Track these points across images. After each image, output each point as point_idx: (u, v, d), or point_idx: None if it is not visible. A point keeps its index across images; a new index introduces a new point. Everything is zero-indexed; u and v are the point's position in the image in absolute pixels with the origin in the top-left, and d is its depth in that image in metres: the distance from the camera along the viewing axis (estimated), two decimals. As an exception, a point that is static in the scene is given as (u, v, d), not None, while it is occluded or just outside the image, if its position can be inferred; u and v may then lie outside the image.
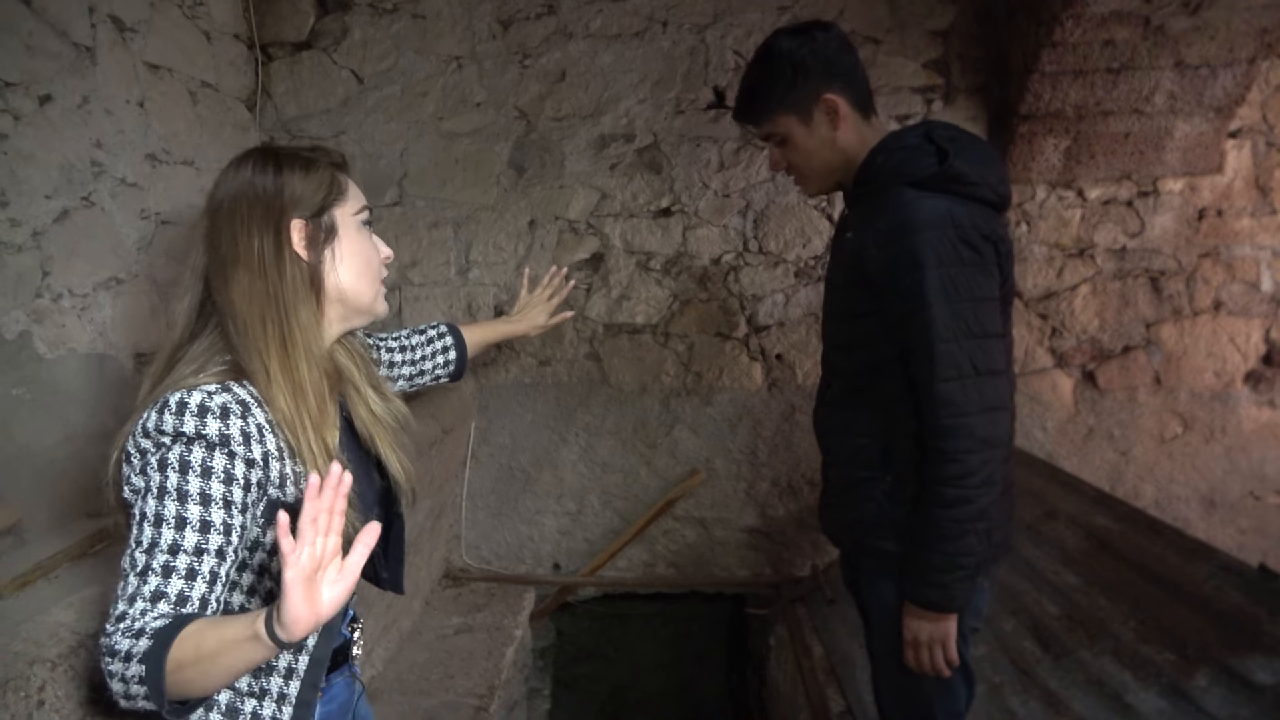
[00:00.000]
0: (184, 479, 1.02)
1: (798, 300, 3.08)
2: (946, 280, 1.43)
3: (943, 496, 1.46)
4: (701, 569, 3.24)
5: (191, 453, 1.03)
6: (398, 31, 3.02)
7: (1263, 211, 2.96)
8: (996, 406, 1.47)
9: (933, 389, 1.45)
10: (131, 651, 0.93)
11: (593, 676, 3.72)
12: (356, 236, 1.22)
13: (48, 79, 1.96)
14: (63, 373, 1.99)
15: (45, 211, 1.95)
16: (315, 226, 1.17)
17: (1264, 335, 3.01)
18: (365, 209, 1.26)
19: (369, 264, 1.23)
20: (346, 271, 1.20)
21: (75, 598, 1.35)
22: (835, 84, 1.57)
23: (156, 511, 1.01)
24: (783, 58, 1.58)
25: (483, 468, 3.21)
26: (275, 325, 1.12)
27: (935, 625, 1.53)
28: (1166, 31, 2.51)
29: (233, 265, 1.12)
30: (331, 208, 1.19)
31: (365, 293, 1.23)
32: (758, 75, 1.63)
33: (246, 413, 1.07)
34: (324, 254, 1.18)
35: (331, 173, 1.22)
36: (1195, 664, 1.75)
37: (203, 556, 1.01)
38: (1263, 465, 3.04)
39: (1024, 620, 2.18)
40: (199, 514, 1.01)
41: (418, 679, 2.54)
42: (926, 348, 1.45)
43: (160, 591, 0.98)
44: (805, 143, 1.62)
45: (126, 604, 0.98)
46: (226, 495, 1.04)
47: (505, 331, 1.94)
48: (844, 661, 2.51)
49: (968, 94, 2.98)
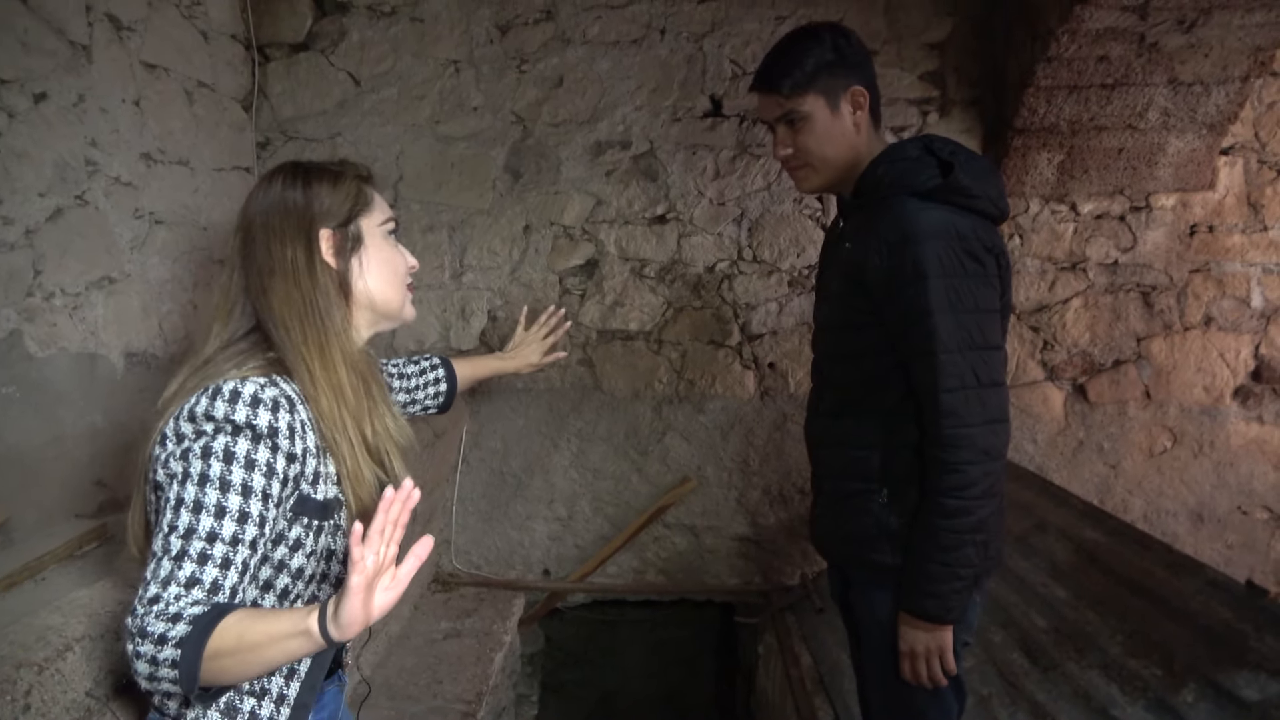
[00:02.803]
0: (228, 469, 1.04)
1: (791, 309, 3.08)
2: (950, 291, 1.43)
3: (943, 507, 1.46)
4: (691, 576, 3.24)
5: (237, 443, 1.05)
6: (395, 34, 3.02)
7: (1254, 228, 2.99)
8: (999, 419, 1.47)
9: (936, 399, 1.45)
10: (167, 635, 0.95)
11: (581, 682, 3.71)
12: (383, 245, 1.28)
13: (43, 77, 1.96)
14: (53, 372, 1.98)
15: (38, 210, 1.94)
16: (343, 236, 1.23)
17: (1253, 351, 3.03)
18: (391, 220, 1.32)
19: (395, 271, 1.29)
20: (374, 278, 1.26)
21: (63, 600, 1.34)
22: (865, 81, 1.58)
23: (196, 498, 1.03)
24: (829, 38, 1.57)
25: (474, 472, 3.20)
26: (313, 329, 1.17)
27: (931, 636, 1.53)
28: (1161, 48, 2.53)
29: (269, 275, 1.18)
30: (358, 218, 1.25)
31: (393, 298, 1.29)
32: (801, 47, 1.58)
33: (293, 408, 1.11)
34: (351, 262, 1.24)
35: (358, 185, 1.28)
36: (1182, 679, 1.75)
37: (238, 547, 1.03)
38: (1250, 480, 3.06)
39: (1013, 633, 2.18)
40: (239, 505, 1.04)
41: (405, 684, 2.53)
42: (929, 358, 1.45)
43: (195, 578, 1.00)
44: (825, 129, 1.58)
45: (160, 586, 0.99)
46: (266, 489, 1.06)
47: (496, 368, 1.98)
48: (833, 671, 2.51)
49: (963, 107, 2.99)
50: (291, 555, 1.14)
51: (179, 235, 2.46)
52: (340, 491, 1.16)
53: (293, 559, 1.14)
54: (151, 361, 2.32)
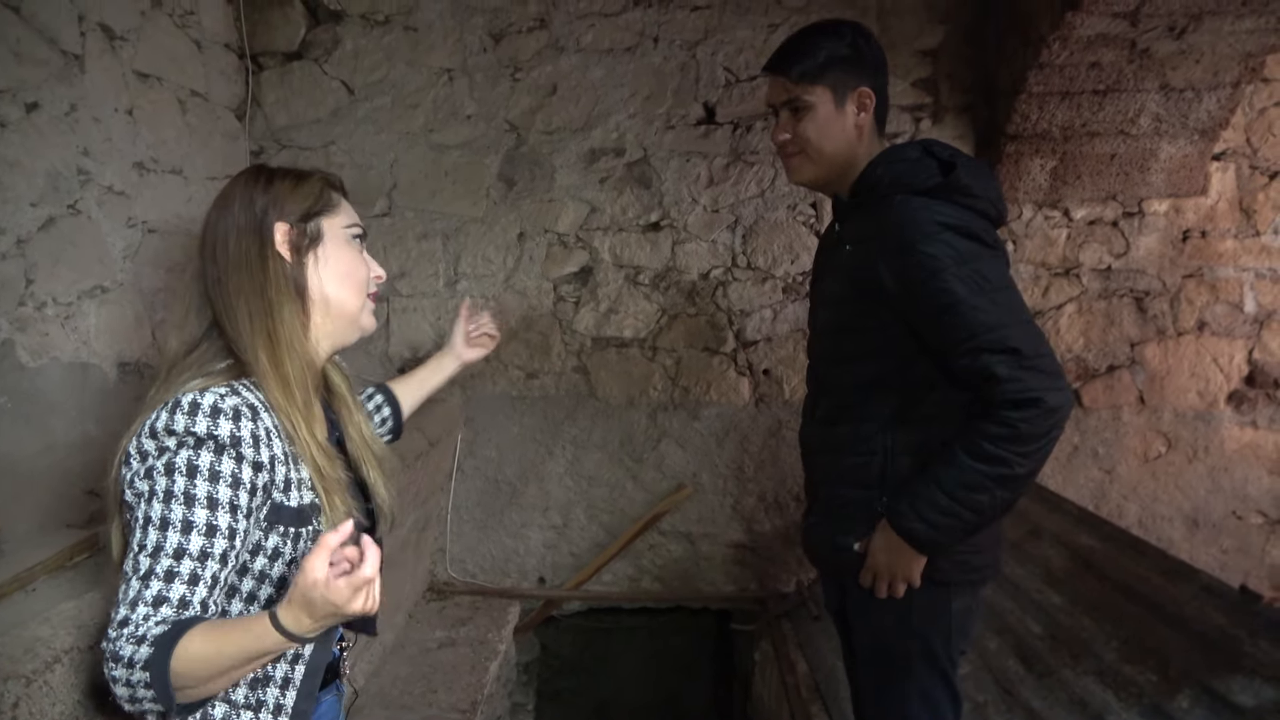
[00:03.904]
0: (191, 483, 1.03)
1: (785, 316, 3.09)
2: (970, 276, 1.41)
3: (980, 450, 1.41)
4: (687, 584, 3.23)
5: (200, 456, 1.04)
6: (389, 43, 3.02)
7: (1246, 233, 2.99)
8: (1059, 374, 1.42)
9: (992, 373, 1.39)
10: (134, 658, 0.95)
11: (576, 690, 3.70)
12: (344, 247, 1.25)
13: (35, 86, 1.96)
14: (45, 382, 1.98)
15: (30, 219, 1.94)
16: (300, 231, 1.20)
17: (1247, 356, 3.03)
18: (356, 225, 1.28)
19: (351, 274, 1.25)
20: (330, 277, 1.22)
21: (53, 612, 1.33)
22: (874, 85, 1.59)
23: (162, 515, 1.02)
24: (849, 34, 1.58)
25: (468, 480, 3.20)
26: (261, 319, 1.15)
27: (904, 560, 1.50)
28: (1152, 55, 2.54)
29: (224, 267, 1.17)
30: (319, 216, 1.23)
31: (348, 301, 1.24)
32: (819, 37, 1.59)
33: (255, 416, 1.10)
34: (307, 258, 1.21)
35: (322, 186, 1.26)
36: (1177, 685, 1.75)
37: (206, 561, 1.02)
38: (1245, 485, 3.06)
39: (1008, 639, 2.18)
40: (205, 518, 1.03)
41: (400, 693, 2.52)
42: (971, 340, 1.40)
43: (162, 596, 0.99)
44: (826, 123, 1.58)
45: (128, 608, 0.99)
46: (233, 500, 1.05)
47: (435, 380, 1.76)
48: (829, 679, 2.50)
49: (956, 113, 3.00)
50: (271, 565, 1.13)
51: (172, 244, 2.45)
52: (315, 496, 1.15)
53: (273, 568, 1.13)
54: (144, 371, 2.32)
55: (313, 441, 1.15)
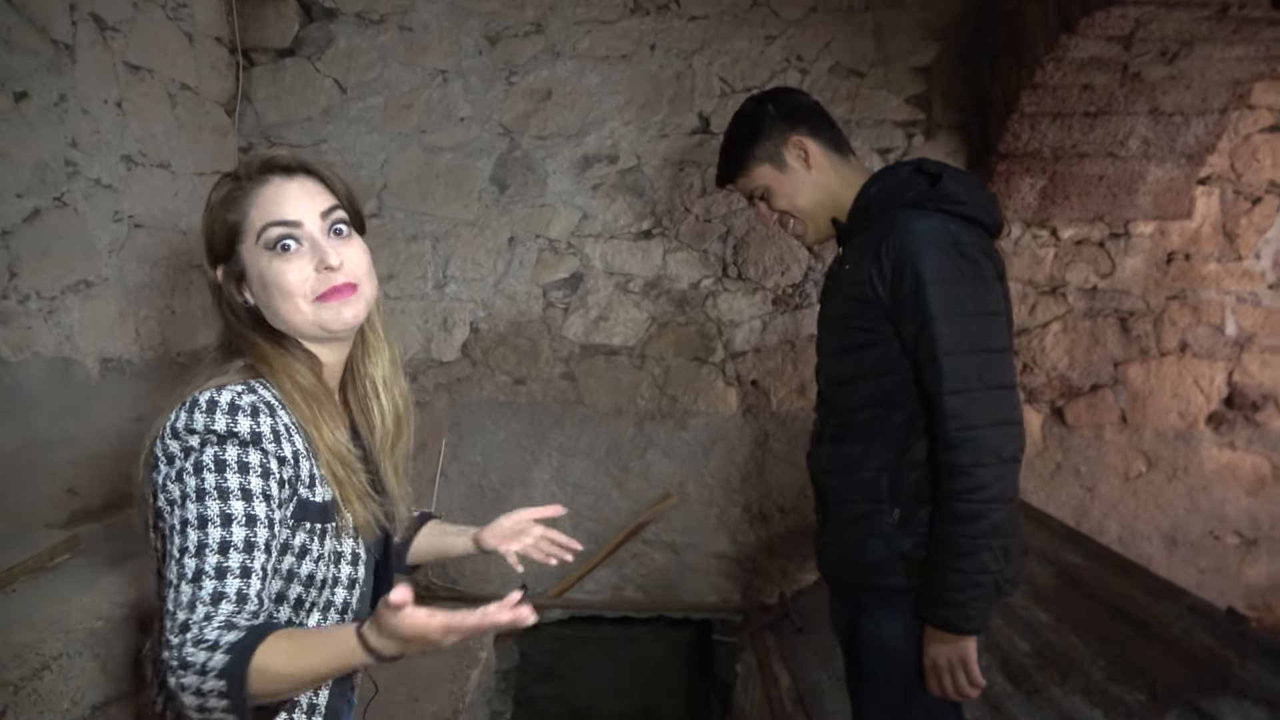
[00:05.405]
0: (221, 477, 1.01)
1: (775, 327, 3.09)
2: (949, 295, 1.46)
3: (956, 512, 1.46)
4: (670, 593, 3.22)
5: (225, 451, 1.03)
6: (384, 43, 2.99)
7: (1228, 257, 3.04)
8: (1008, 421, 1.47)
9: (941, 402, 1.46)
10: (208, 666, 0.91)
11: (552, 698, 3.66)
12: (265, 267, 1.13)
13: (24, 76, 1.92)
14: (26, 377, 1.93)
15: (15, 211, 1.89)
16: (229, 274, 1.17)
17: (1227, 378, 3.07)
18: (268, 226, 1.13)
19: (282, 289, 1.13)
20: (267, 302, 1.15)
21: (37, 616, 1.30)
22: (800, 128, 1.69)
23: (199, 514, 1.00)
24: (747, 114, 1.74)
25: (453, 485, 3.16)
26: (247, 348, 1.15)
27: (953, 647, 1.51)
28: (1143, 79, 2.57)
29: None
30: (237, 245, 1.15)
31: (293, 318, 1.14)
32: (729, 136, 1.77)
33: (273, 412, 1.08)
34: (245, 294, 1.17)
35: (241, 191, 1.15)
36: (1165, 705, 1.77)
37: (253, 551, 1.00)
38: (1223, 505, 3.10)
39: (995, 656, 2.19)
40: (243, 509, 1.01)
41: (382, 701, 2.48)
42: (933, 362, 1.47)
43: (219, 593, 0.97)
44: (784, 187, 1.71)
45: (186, 611, 0.95)
46: (265, 489, 1.04)
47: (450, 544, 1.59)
48: (812, 691, 2.50)
49: (948, 130, 3.02)
50: (299, 563, 1.11)
51: (158, 239, 2.41)
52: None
53: (301, 566, 1.11)
54: (127, 367, 2.27)
55: (326, 446, 1.13)
